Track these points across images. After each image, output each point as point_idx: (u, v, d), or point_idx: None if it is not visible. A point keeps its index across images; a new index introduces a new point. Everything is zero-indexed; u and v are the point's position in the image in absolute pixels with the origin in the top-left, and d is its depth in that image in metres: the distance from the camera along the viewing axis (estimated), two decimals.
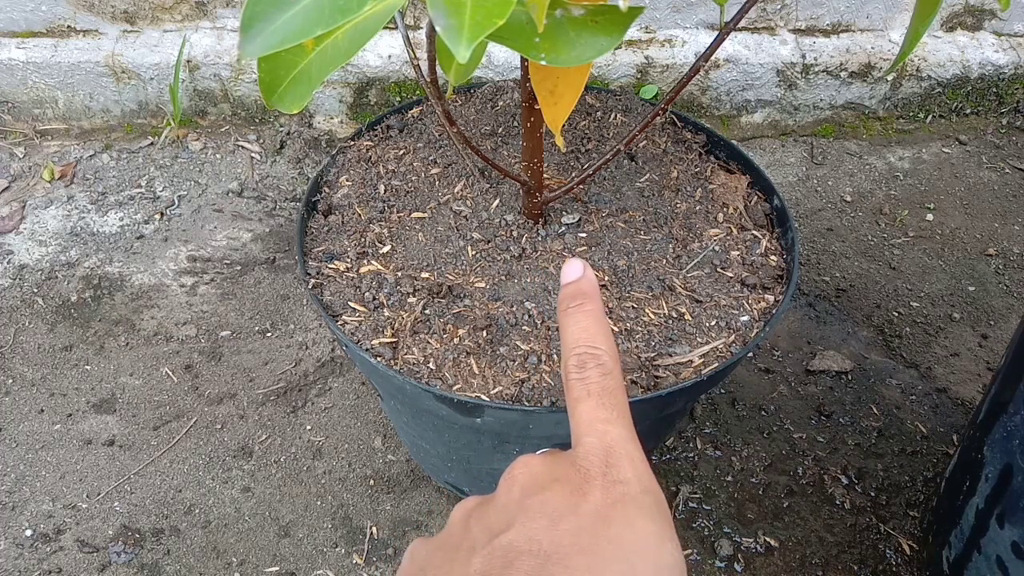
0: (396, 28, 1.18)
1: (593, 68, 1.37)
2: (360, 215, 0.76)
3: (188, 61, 1.36)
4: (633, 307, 0.68)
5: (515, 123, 0.85)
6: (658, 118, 0.80)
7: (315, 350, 1.11)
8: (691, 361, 0.65)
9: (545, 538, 0.29)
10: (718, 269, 0.72)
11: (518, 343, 0.65)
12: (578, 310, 0.37)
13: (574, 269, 0.39)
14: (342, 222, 0.76)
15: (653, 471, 0.99)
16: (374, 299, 0.68)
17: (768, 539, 0.93)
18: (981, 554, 0.75)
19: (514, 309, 0.68)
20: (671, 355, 0.66)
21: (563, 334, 0.36)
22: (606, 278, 0.70)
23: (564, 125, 0.70)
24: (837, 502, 0.97)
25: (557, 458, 0.33)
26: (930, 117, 1.53)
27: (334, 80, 1.39)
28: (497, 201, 0.76)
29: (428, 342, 0.65)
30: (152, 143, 1.41)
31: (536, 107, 0.60)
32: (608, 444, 0.32)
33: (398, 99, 1.41)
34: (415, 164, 0.81)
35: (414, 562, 0.33)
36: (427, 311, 0.67)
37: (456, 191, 0.78)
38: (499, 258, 0.71)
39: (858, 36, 1.46)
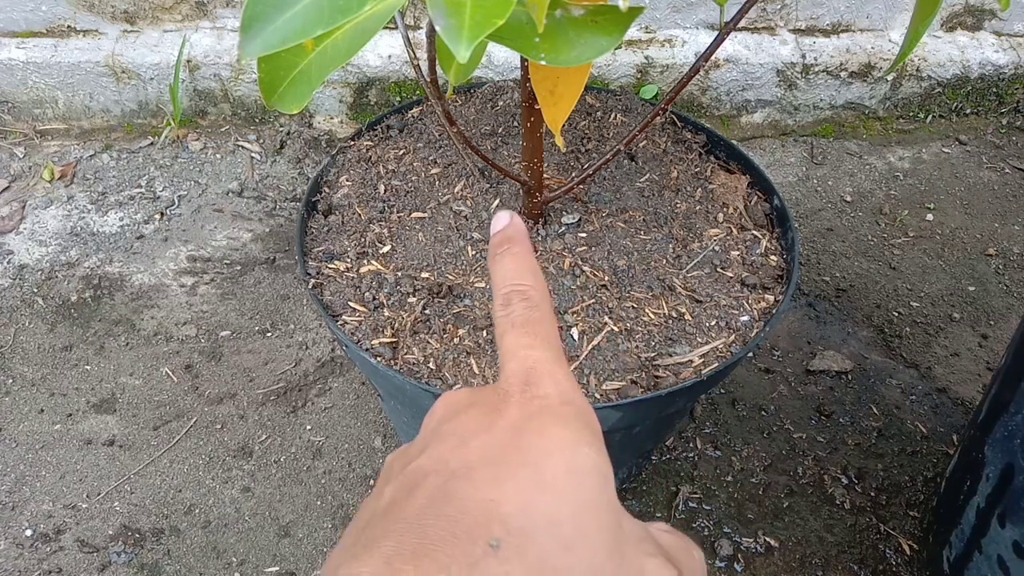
0: (396, 28, 1.18)
1: (593, 68, 1.37)
2: (360, 215, 0.76)
3: (188, 61, 1.36)
4: (633, 307, 0.68)
5: (515, 123, 0.85)
6: (658, 118, 0.80)
7: (315, 350, 1.11)
8: (691, 361, 0.65)
9: (453, 457, 0.28)
10: (718, 269, 0.72)
11: None
12: (505, 253, 0.36)
13: (501, 219, 0.38)
14: (342, 222, 0.76)
15: (653, 471, 0.97)
16: (374, 299, 0.68)
17: (768, 539, 0.93)
18: (982, 554, 0.75)
19: None
20: (671, 355, 0.66)
21: (492, 280, 0.36)
22: (606, 278, 0.70)
23: (564, 125, 0.70)
24: (837, 502, 0.97)
25: (479, 388, 0.32)
26: (930, 117, 1.53)
27: (334, 80, 1.39)
28: (497, 201, 0.76)
29: (428, 342, 0.65)
30: (152, 143, 1.41)
31: (536, 107, 0.60)
32: (529, 366, 0.31)
33: (398, 99, 1.41)
34: (415, 164, 0.81)
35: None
36: (427, 311, 0.67)
37: (456, 191, 0.78)
38: None
39: (858, 36, 1.46)
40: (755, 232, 0.76)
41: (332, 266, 0.72)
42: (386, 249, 0.73)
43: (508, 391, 0.30)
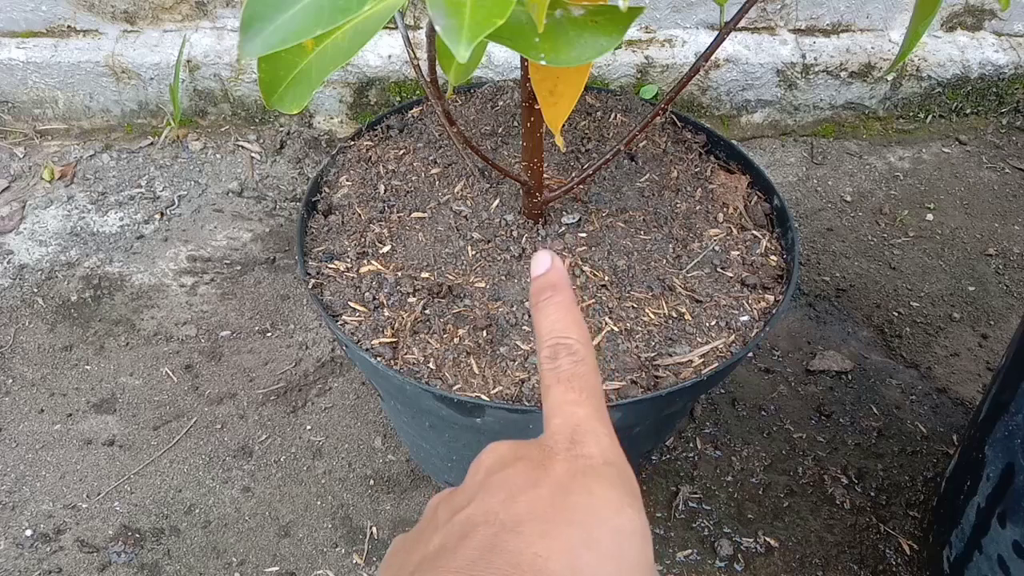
0: (396, 28, 1.18)
1: (593, 68, 1.37)
2: (360, 215, 0.76)
3: (188, 61, 1.36)
4: (633, 307, 0.68)
5: (515, 123, 0.85)
6: (658, 118, 0.80)
7: (315, 350, 1.11)
8: (691, 361, 0.65)
9: (502, 510, 0.29)
10: (718, 269, 0.72)
11: (518, 343, 0.65)
12: (548, 302, 0.37)
13: (542, 262, 0.39)
14: (342, 222, 0.76)
15: (653, 471, 0.97)
16: (374, 299, 0.68)
17: (768, 539, 0.93)
18: (982, 554, 0.75)
19: (514, 309, 0.68)
20: (671, 355, 0.66)
21: (536, 328, 0.37)
22: (606, 278, 0.70)
23: (564, 125, 0.70)
24: (837, 502, 0.97)
25: (525, 441, 0.33)
26: (930, 117, 1.53)
27: (334, 80, 1.39)
28: (497, 201, 0.76)
29: (428, 342, 0.65)
30: (152, 143, 1.41)
31: (536, 107, 0.60)
32: (574, 424, 0.32)
33: (398, 99, 1.41)
34: (415, 164, 0.81)
35: (389, 553, 0.33)
36: (427, 311, 0.67)
37: (456, 191, 0.78)
38: (499, 258, 0.71)
39: (858, 36, 1.46)
40: (755, 232, 0.76)
41: (332, 266, 0.72)
42: (386, 249, 0.73)
43: (553, 448, 0.32)
